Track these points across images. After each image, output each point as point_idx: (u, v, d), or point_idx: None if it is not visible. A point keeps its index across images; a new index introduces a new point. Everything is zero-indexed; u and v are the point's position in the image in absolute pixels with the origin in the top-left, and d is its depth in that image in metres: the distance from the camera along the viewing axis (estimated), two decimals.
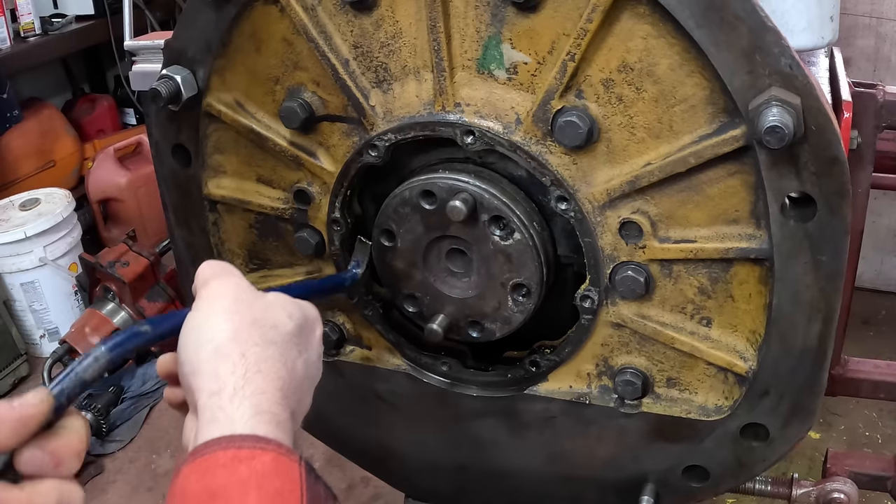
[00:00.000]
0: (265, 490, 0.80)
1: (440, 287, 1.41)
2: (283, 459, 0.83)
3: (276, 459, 0.83)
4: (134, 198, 4.04)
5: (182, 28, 1.42)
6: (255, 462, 0.82)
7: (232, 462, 0.82)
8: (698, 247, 1.26)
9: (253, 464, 0.81)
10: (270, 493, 0.80)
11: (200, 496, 0.80)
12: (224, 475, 0.81)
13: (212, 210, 1.57)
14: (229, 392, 0.87)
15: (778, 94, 1.08)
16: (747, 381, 1.33)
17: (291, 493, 0.81)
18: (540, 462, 1.56)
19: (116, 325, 3.23)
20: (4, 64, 3.78)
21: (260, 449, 0.83)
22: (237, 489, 0.80)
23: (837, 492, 1.66)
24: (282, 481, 0.82)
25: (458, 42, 1.27)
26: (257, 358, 0.91)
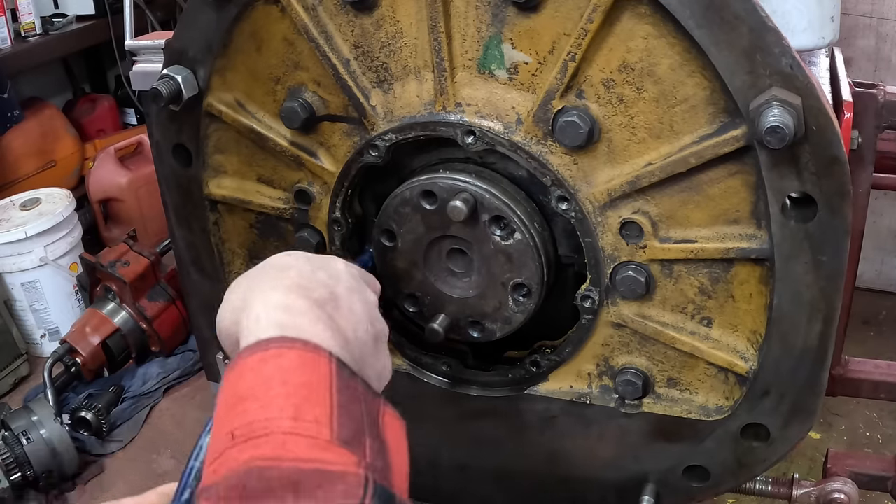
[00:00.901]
0: (290, 384, 0.79)
1: (441, 287, 1.41)
2: (310, 355, 0.83)
3: (302, 355, 0.82)
4: (135, 198, 4.04)
5: (183, 28, 1.42)
6: (281, 360, 0.82)
7: (258, 364, 0.82)
8: (699, 247, 1.26)
9: (279, 361, 0.81)
10: (296, 386, 0.79)
11: (230, 401, 0.80)
12: (251, 377, 0.81)
13: (212, 210, 1.57)
14: (256, 313, 0.88)
15: (779, 95, 1.08)
16: (748, 381, 1.33)
17: (319, 385, 0.80)
18: (541, 462, 1.56)
19: (117, 325, 3.22)
20: (5, 64, 3.77)
21: (286, 347, 0.83)
22: (263, 387, 0.79)
23: (838, 492, 1.66)
24: (308, 375, 0.81)
25: (458, 42, 1.27)
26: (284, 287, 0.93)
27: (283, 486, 0.71)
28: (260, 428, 0.76)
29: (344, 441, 0.77)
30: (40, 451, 2.75)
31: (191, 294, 1.74)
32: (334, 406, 0.79)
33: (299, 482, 0.71)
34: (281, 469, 0.72)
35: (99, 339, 3.17)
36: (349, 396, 0.81)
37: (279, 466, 0.73)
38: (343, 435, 0.77)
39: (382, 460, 0.79)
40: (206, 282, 1.65)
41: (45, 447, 2.76)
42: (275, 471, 0.72)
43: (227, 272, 1.62)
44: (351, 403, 0.81)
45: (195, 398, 3.29)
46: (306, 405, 0.78)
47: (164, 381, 3.30)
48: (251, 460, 0.73)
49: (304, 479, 0.72)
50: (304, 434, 0.76)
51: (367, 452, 0.78)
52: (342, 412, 0.79)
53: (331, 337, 0.89)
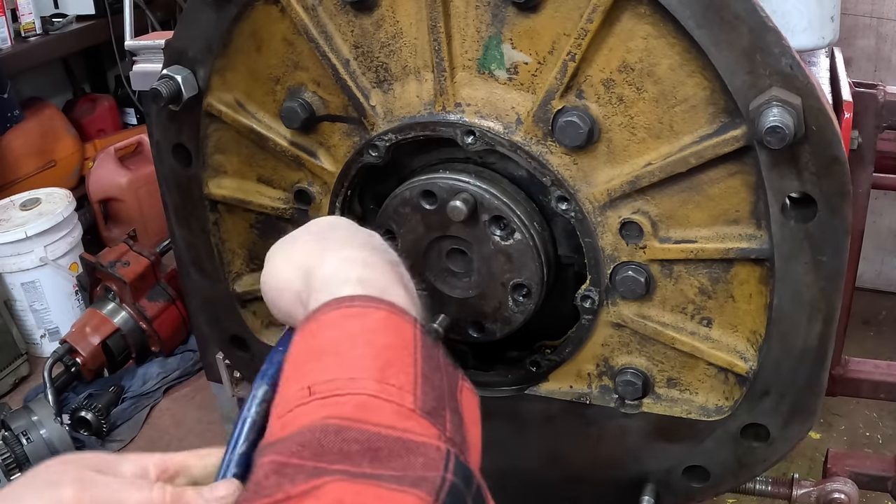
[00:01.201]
0: (375, 344, 0.76)
1: (441, 287, 1.41)
2: (396, 318, 0.79)
3: (388, 317, 0.79)
4: (135, 198, 4.04)
5: (183, 28, 1.42)
6: (366, 319, 0.78)
7: (341, 320, 0.78)
8: (699, 247, 1.26)
9: (364, 320, 0.78)
10: (380, 347, 0.76)
11: (307, 354, 0.77)
12: (333, 333, 0.77)
13: (212, 210, 1.57)
14: (331, 268, 0.85)
15: (778, 95, 1.08)
16: (748, 381, 1.33)
17: (403, 349, 0.77)
18: (540, 462, 1.56)
19: (117, 325, 3.22)
20: (5, 64, 3.77)
21: (372, 307, 0.79)
22: (347, 343, 0.76)
23: (838, 492, 1.66)
24: (393, 337, 0.77)
25: (458, 42, 1.27)
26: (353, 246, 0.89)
27: (361, 449, 0.67)
28: (342, 385, 0.72)
29: (426, 412, 0.73)
30: (40, 451, 2.75)
31: (191, 294, 1.74)
32: (418, 374, 0.76)
33: (379, 449, 0.68)
34: (360, 431, 0.69)
35: (99, 339, 3.17)
36: (432, 366, 0.78)
37: (360, 429, 0.69)
38: (426, 405, 0.74)
39: (461, 435, 0.76)
40: (206, 282, 1.65)
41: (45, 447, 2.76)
42: (353, 432, 0.68)
43: (227, 272, 1.62)
44: (433, 373, 0.78)
45: (195, 398, 3.29)
46: (391, 369, 0.74)
47: (164, 381, 3.30)
48: (329, 417, 0.69)
49: (384, 445, 0.68)
50: (387, 399, 0.72)
51: (447, 426, 0.74)
52: (425, 381, 0.76)
53: (410, 300, 0.85)
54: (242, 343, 1.68)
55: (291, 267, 0.91)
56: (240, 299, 1.63)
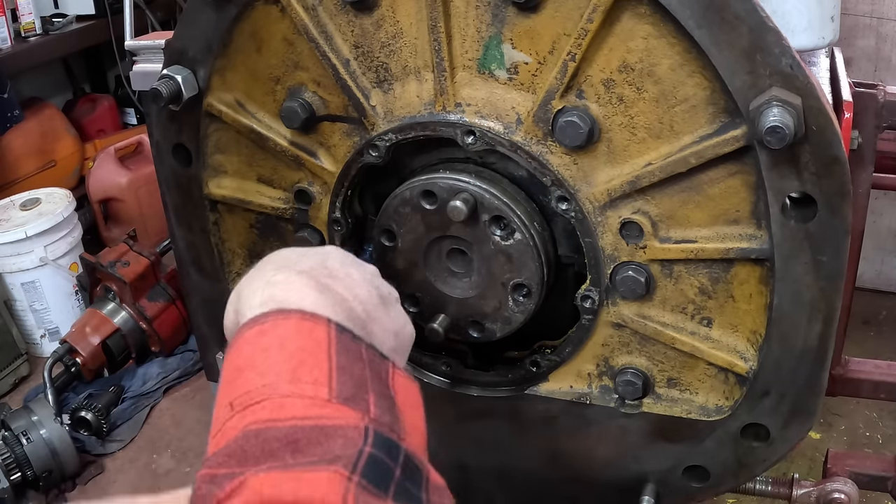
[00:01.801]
0: (287, 349, 0.78)
1: (441, 287, 1.41)
2: (307, 323, 0.82)
3: (299, 323, 0.81)
4: (135, 198, 4.04)
5: (183, 28, 1.42)
6: (278, 329, 0.81)
7: (256, 337, 0.81)
8: (699, 247, 1.26)
9: (275, 331, 0.81)
10: (292, 351, 0.78)
11: (229, 376, 0.79)
12: (249, 349, 0.80)
13: (212, 210, 1.57)
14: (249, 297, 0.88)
15: (778, 95, 1.08)
16: (748, 381, 1.33)
17: (317, 348, 0.79)
18: (540, 462, 1.56)
19: (117, 325, 3.22)
20: (5, 64, 3.77)
21: (283, 318, 0.82)
22: (261, 355, 0.79)
23: (838, 492, 1.66)
24: (305, 340, 0.80)
25: (458, 42, 1.27)
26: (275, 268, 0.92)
27: (281, 445, 0.69)
28: (257, 394, 0.75)
29: (344, 399, 0.75)
30: (40, 451, 2.75)
31: (191, 294, 1.74)
32: (333, 367, 0.78)
33: (298, 440, 0.69)
34: (278, 429, 0.71)
35: (99, 339, 3.17)
36: (350, 358, 0.80)
37: (278, 427, 0.71)
38: (343, 393, 0.75)
39: (391, 415, 0.77)
40: (206, 282, 1.65)
41: (45, 447, 2.76)
42: (272, 431, 0.70)
43: (227, 272, 1.62)
44: (352, 364, 0.79)
45: (195, 398, 3.29)
46: (303, 368, 0.77)
47: (164, 381, 3.30)
48: (249, 425, 0.72)
49: (302, 436, 0.70)
50: (301, 395, 0.74)
51: (370, 408, 0.76)
52: (342, 372, 0.78)
53: (327, 302, 0.87)
54: None
55: (231, 312, 0.95)
56: None
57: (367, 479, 0.65)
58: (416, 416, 0.84)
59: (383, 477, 0.67)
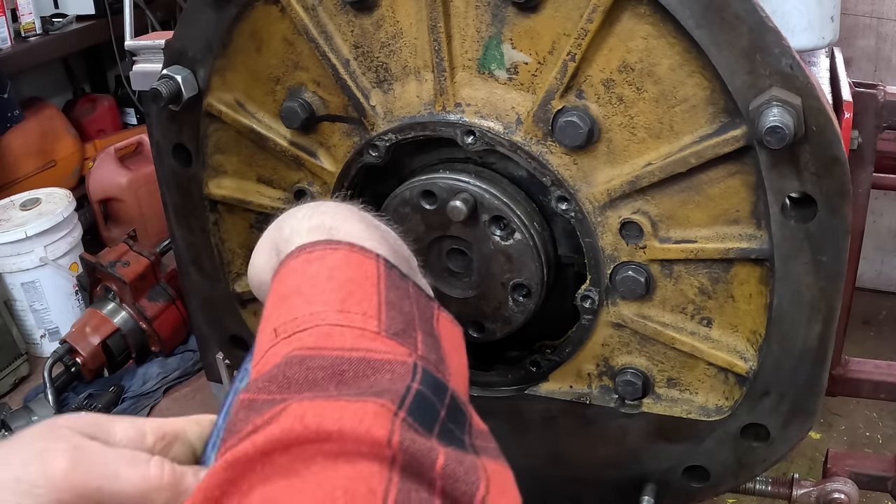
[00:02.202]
0: (335, 280, 0.76)
1: (441, 287, 1.41)
2: (356, 255, 0.79)
3: (348, 255, 0.79)
4: (135, 197, 4.04)
5: (183, 28, 1.42)
6: (326, 259, 0.78)
7: (302, 265, 0.78)
8: (699, 247, 1.26)
9: (323, 262, 0.78)
10: (342, 282, 0.75)
11: (275, 302, 0.77)
12: (295, 277, 0.78)
13: (212, 210, 1.57)
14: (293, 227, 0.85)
15: (778, 95, 1.08)
16: (748, 381, 1.33)
17: (366, 281, 0.76)
18: (540, 462, 1.56)
19: (117, 325, 3.22)
20: (5, 64, 3.77)
21: (331, 248, 0.79)
22: (308, 283, 0.76)
23: (838, 492, 1.66)
24: (354, 272, 0.77)
25: (458, 42, 1.27)
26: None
27: (326, 375, 0.66)
28: (304, 322, 0.72)
29: (393, 333, 0.72)
30: None
31: (191, 294, 1.74)
32: (382, 301, 0.75)
33: (344, 371, 0.67)
34: (324, 357, 0.68)
35: (99, 339, 3.17)
36: (399, 294, 0.78)
37: (322, 355, 0.68)
38: (392, 328, 0.73)
39: (436, 354, 0.75)
40: (206, 282, 1.65)
41: None
42: (317, 359, 0.68)
43: (227, 272, 1.62)
44: (401, 300, 0.77)
45: (195, 398, 3.29)
46: (353, 299, 0.74)
47: (164, 381, 3.30)
48: (293, 351, 0.69)
49: (348, 367, 0.67)
50: (350, 325, 0.72)
51: (418, 346, 0.73)
52: (391, 307, 0.75)
53: (378, 238, 0.85)
54: (242, 343, 1.68)
55: (263, 247, 0.92)
56: (240, 299, 1.63)
57: (412, 417, 0.63)
58: (460, 360, 0.81)
59: (429, 415, 0.65)
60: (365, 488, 0.57)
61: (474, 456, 0.64)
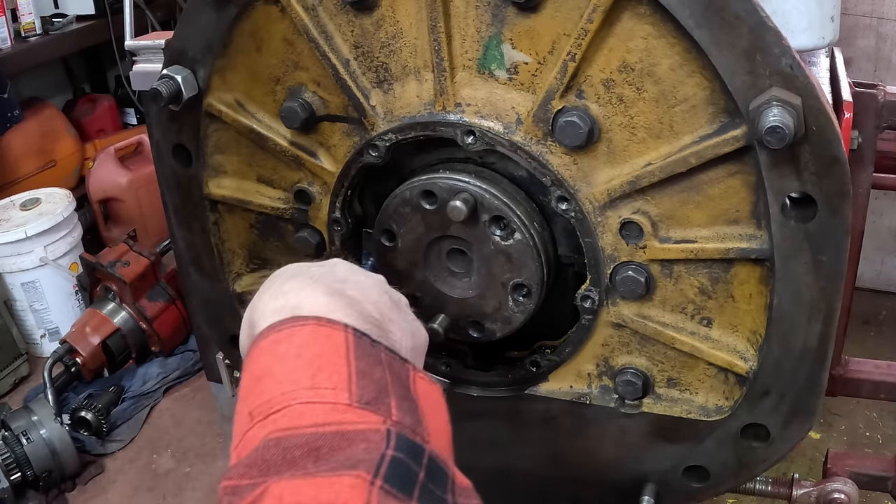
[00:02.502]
0: (303, 357, 0.78)
1: (441, 287, 1.41)
2: (323, 329, 0.81)
3: (315, 330, 0.81)
4: (134, 198, 4.05)
5: (183, 28, 1.42)
6: (294, 337, 0.80)
7: (272, 345, 0.80)
8: (699, 247, 1.26)
9: (292, 339, 0.80)
10: (310, 358, 0.77)
11: (248, 385, 0.79)
12: (266, 358, 0.80)
13: (212, 210, 1.57)
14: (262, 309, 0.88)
15: (778, 95, 1.08)
16: (748, 381, 1.33)
17: (335, 353, 0.78)
18: (540, 462, 1.56)
19: (117, 325, 3.23)
20: (5, 64, 3.78)
21: (299, 325, 0.81)
22: (278, 364, 0.78)
23: (838, 492, 1.66)
24: (322, 346, 0.79)
25: (458, 42, 1.27)
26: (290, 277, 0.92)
27: (302, 453, 0.68)
28: (276, 403, 0.74)
29: (365, 402, 0.74)
30: (40, 451, 2.76)
31: (191, 294, 1.74)
32: (353, 372, 0.77)
33: (319, 447, 0.68)
34: (298, 436, 0.70)
35: (99, 339, 3.17)
36: (369, 362, 0.79)
37: (296, 434, 0.70)
38: (364, 397, 0.74)
39: (412, 417, 0.76)
40: (206, 282, 1.65)
41: (45, 447, 2.76)
42: (293, 439, 0.69)
43: (227, 272, 1.62)
44: (372, 368, 0.78)
45: (195, 398, 3.29)
46: (322, 374, 0.76)
47: (164, 381, 3.31)
48: (269, 434, 0.71)
49: (324, 442, 0.69)
50: (321, 401, 0.73)
51: (392, 411, 0.75)
52: (361, 376, 0.77)
53: (341, 305, 0.87)
54: None
55: (243, 326, 0.95)
56: (240, 299, 1.63)
57: (390, 484, 0.64)
58: (440, 418, 0.83)
59: (406, 480, 0.66)
60: None
61: None
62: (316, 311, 0.84)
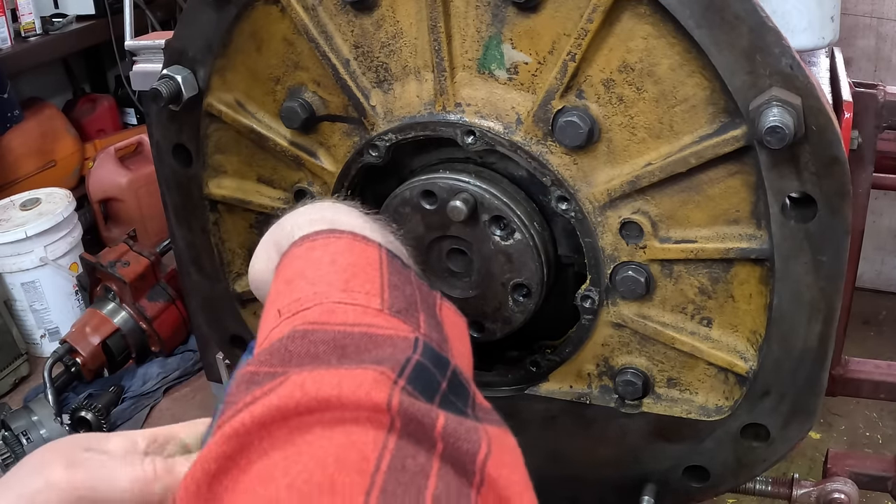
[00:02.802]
0: (338, 263, 0.77)
1: (441, 287, 1.41)
2: (359, 244, 0.81)
3: (351, 243, 0.80)
4: (135, 198, 4.04)
5: (183, 28, 1.42)
6: (329, 246, 0.80)
7: (306, 252, 0.80)
8: (699, 247, 1.26)
9: (327, 248, 0.80)
10: (344, 265, 0.77)
11: (279, 287, 0.78)
12: (299, 262, 0.79)
13: (212, 210, 1.57)
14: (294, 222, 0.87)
15: (778, 95, 1.08)
16: (748, 381, 1.33)
17: (369, 265, 0.78)
18: (540, 462, 1.55)
19: (117, 325, 3.22)
20: (5, 64, 3.77)
21: (335, 237, 0.81)
22: (311, 267, 0.77)
23: (838, 492, 1.66)
24: (357, 257, 0.79)
25: (458, 42, 1.27)
26: None
27: (327, 349, 0.67)
28: (306, 300, 0.73)
29: (396, 311, 0.73)
30: None
31: (191, 294, 1.74)
32: (385, 283, 0.76)
33: (345, 345, 0.67)
34: (326, 331, 0.69)
35: (99, 339, 3.17)
36: (402, 279, 0.78)
37: (326, 330, 0.69)
38: (395, 306, 0.74)
39: (439, 334, 0.75)
40: (206, 282, 1.65)
41: None
42: (319, 333, 0.68)
43: (227, 272, 1.62)
44: (404, 284, 0.78)
45: (195, 398, 3.29)
46: (356, 280, 0.75)
47: (164, 381, 3.30)
48: (296, 326, 0.70)
49: (350, 341, 0.68)
50: (353, 303, 0.73)
51: (420, 325, 0.74)
52: (394, 289, 0.76)
53: (376, 228, 0.86)
54: (242, 343, 1.68)
55: (264, 246, 0.93)
56: (240, 299, 1.63)
57: (412, 385, 0.63)
58: (464, 345, 0.82)
59: (429, 385, 0.65)
60: (357, 455, 0.56)
61: (475, 421, 0.64)
62: (353, 228, 0.84)
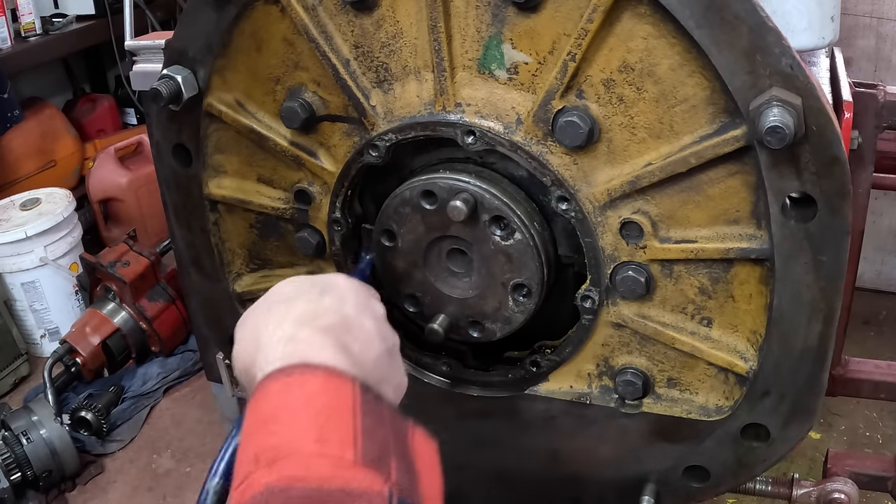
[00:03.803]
0: (313, 407, 0.80)
1: (441, 287, 1.41)
2: (334, 381, 0.84)
3: (327, 381, 0.83)
4: (135, 197, 4.04)
5: (183, 28, 1.42)
6: (305, 386, 0.82)
7: (283, 389, 0.83)
8: (699, 247, 1.26)
9: (303, 388, 0.82)
10: (319, 409, 0.80)
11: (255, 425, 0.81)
12: (275, 401, 0.82)
13: (212, 210, 1.57)
14: (267, 352, 0.89)
15: (779, 95, 1.08)
16: (748, 381, 1.33)
17: (343, 408, 0.81)
18: (540, 462, 1.56)
19: (117, 325, 3.23)
20: (5, 64, 3.77)
21: (309, 373, 0.84)
22: (287, 411, 0.80)
23: (838, 492, 1.66)
24: (331, 398, 0.82)
25: (458, 42, 1.27)
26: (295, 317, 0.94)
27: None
28: (284, 450, 0.76)
29: (369, 461, 0.77)
30: (40, 451, 2.76)
31: (191, 294, 1.74)
32: (359, 429, 0.80)
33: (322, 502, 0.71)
34: (303, 489, 0.72)
35: (99, 339, 3.17)
36: (374, 420, 0.82)
37: (302, 486, 0.72)
38: (368, 456, 0.77)
39: (409, 478, 0.80)
40: (206, 282, 1.65)
41: (45, 447, 2.76)
42: (298, 490, 0.72)
43: (227, 272, 1.62)
44: (376, 427, 0.81)
45: (195, 398, 3.29)
46: (330, 427, 0.79)
47: (164, 381, 3.30)
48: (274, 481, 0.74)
49: (327, 498, 0.72)
50: (327, 455, 0.76)
51: (392, 473, 0.78)
52: (367, 435, 0.80)
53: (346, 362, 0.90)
54: None
55: (243, 353, 0.96)
56: (240, 299, 1.63)
57: None
58: (434, 477, 0.86)
59: None
60: None
61: None
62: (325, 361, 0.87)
